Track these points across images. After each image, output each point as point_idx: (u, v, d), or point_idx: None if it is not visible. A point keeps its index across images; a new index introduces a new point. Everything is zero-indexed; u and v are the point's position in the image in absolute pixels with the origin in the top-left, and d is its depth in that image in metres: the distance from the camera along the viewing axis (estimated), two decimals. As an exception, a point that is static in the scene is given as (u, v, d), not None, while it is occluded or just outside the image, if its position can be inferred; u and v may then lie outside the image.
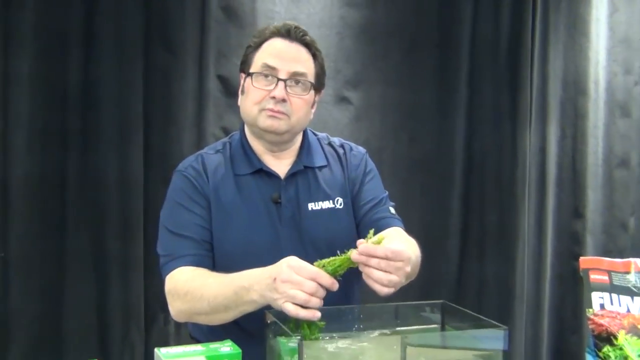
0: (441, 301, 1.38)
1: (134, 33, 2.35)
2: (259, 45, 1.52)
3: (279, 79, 1.47)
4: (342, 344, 1.18)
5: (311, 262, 1.22)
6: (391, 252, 1.19)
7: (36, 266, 2.27)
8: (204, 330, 1.56)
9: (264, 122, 1.49)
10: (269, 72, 1.48)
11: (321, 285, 1.18)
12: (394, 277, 1.19)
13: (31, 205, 2.26)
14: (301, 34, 1.52)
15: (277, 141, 1.55)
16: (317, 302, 1.18)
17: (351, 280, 1.38)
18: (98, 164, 2.33)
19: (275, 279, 1.22)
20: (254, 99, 1.49)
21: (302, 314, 1.17)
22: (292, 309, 1.18)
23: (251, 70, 1.51)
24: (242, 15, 2.53)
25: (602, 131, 3.18)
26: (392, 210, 1.64)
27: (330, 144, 1.67)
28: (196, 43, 2.45)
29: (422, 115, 2.85)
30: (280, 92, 1.46)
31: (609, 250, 3.12)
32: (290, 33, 1.51)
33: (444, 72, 2.87)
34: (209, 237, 1.51)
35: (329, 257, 1.23)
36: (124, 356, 2.34)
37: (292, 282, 1.18)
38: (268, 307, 1.27)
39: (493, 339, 1.20)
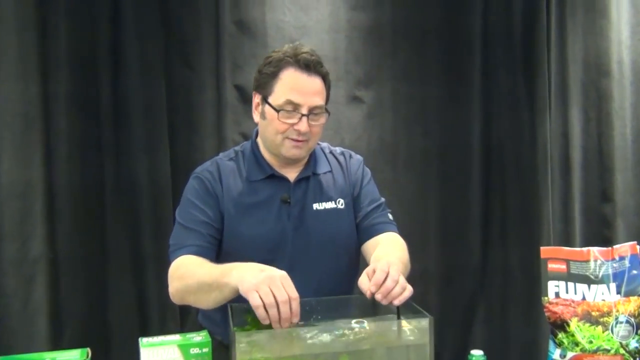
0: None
1: (156, 52, 2.47)
2: (276, 73, 1.59)
3: (302, 115, 1.58)
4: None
5: (315, 255, 1.38)
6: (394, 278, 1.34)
7: (81, 265, 2.42)
8: (211, 320, 1.72)
9: (288, 151, 1.63)
10: (293, 107, 1.58)
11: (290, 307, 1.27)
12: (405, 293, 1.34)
13: (74, 210, 2.42)
14: (319, 66, 1.60)
15: (295, 163, 1.70)
16: (276, 313, 1.26)
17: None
18: (130, 170, 2.47)
19: (263, 271, 1.33)
20: (277, 129, 1.61)
21: (261, 311, 1.26)
22: (255, 299, 1.26)
23: (273, 103, 1.59)
24: (254, 27, 2.59)
25: (629, 112, 3.05)
26: (390, 216, 1.76)
27: (331, 153, 1.80)
28: (212, 56, 2.55)
29: (435, 107, 2.84)
30: (304, 127, 1.58)
31: (643, 232, 2.98)
32: (310, 67, 1.58)
33: (455, 63, 2.84)
34: (215, 233, 1.64)
35: (330, 250, 1.39)
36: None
37: (273, 285, 1.28)
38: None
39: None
